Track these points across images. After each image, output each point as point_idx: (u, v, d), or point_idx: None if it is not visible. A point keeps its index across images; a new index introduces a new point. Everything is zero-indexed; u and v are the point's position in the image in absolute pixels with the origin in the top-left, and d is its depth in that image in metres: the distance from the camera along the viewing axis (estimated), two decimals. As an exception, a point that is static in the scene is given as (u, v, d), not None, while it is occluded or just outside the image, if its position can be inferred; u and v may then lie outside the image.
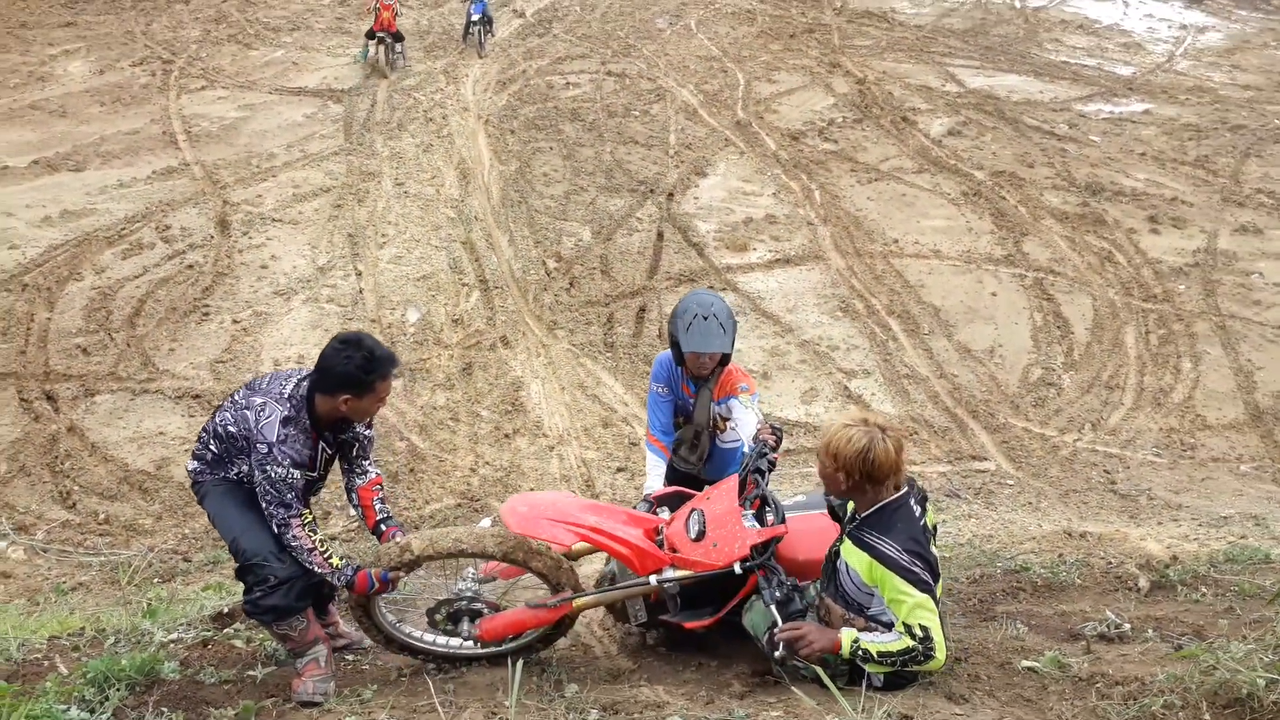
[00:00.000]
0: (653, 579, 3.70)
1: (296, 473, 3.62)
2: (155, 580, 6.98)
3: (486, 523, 4.53)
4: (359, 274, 10.48)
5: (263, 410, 3.65)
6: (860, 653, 3.32)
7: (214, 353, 9.30)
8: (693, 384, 4.77)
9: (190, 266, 10.34)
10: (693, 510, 3.85)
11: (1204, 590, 4.76)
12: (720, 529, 3.65)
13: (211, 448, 3.85)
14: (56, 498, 7.78)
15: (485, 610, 3.84)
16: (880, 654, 3.31)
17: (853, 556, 3.45)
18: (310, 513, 3.75)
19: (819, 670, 3.27)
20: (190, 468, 3.93)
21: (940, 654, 3.29)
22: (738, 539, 3.58)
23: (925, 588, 3.32)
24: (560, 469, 8.14)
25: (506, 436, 8.58)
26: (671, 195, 11.93)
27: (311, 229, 11.16)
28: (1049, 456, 8.57)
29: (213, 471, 3.86)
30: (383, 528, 3.96)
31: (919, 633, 3.29)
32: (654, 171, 12.42)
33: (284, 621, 3.73)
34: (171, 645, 4.44)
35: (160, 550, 7.34)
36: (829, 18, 18.33)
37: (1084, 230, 11.39)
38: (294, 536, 3.63)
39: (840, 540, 3.58)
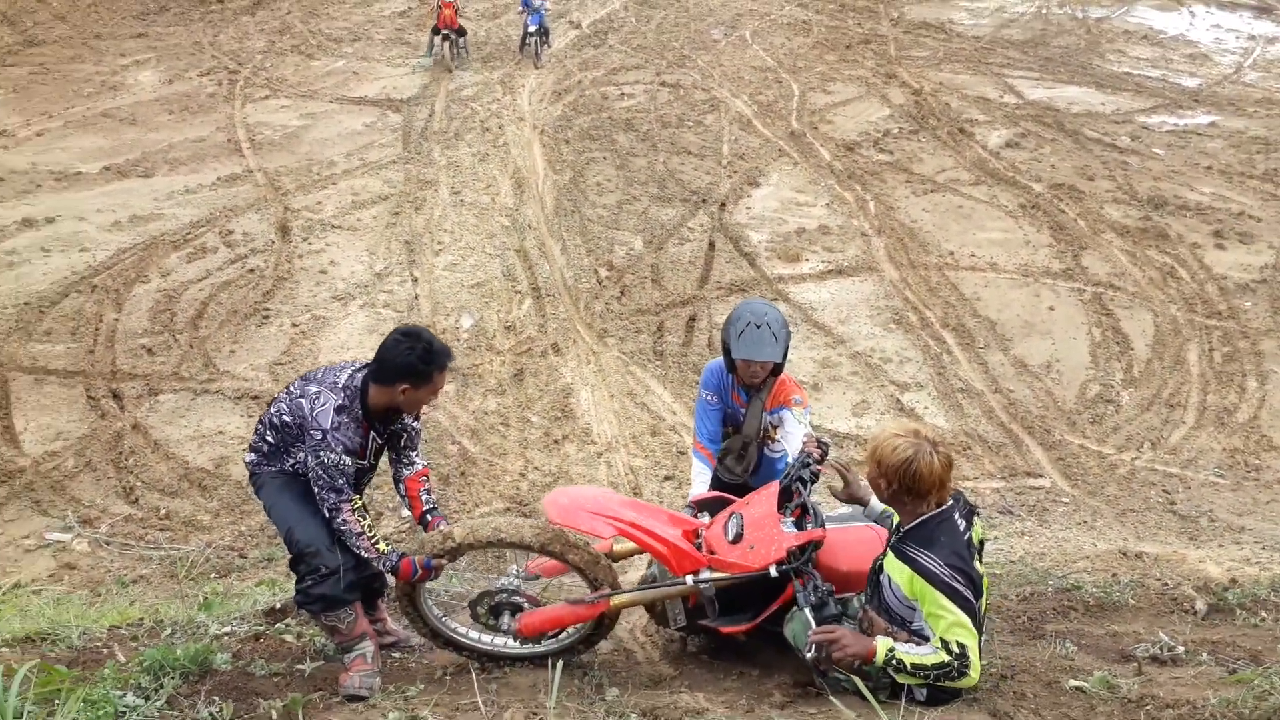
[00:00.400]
0: (689, 579, 3.71)
1: (348, 459, 3.73)
2: (211, 575, 7.15)
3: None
4: (415, 280, 10.64)
5: (318, 398, 3.76)
6: (894, 662, 3.30)
7: (273, 355, 9.50)
8: (744, 393, 4.75)
9: (252, 271, 10.59)
10: (732, 514, 3.86)
11: (1263, 615, 4.63)
12: (758, 532, 3.67)
13: (268, 439, 3.96)
14: (120, 493, 8.00)
15: (525, 605, 3.89)
16: (914, 666, 3.28)
17: (895, 569, 3.42)
18: (360, 499, 3.85)
19: (859, 682, 3.25)
20: (248, 459, 4.06)
21: (974, 673, 3.26)
22: (775, 542, 3.59)
23: (965, 605, 3.29)
24: (608, 476, 8.18)
25: (556, 442, 8.64)
26: (724, 205, 11.94)
27: (369, 236, 11.37)
28: (1106, 475, 8.40)
29: (269, 463, 3.98)
30: (428, 518, 4.06)
31: (955, 649, 3.25)
32: (707, 181, 12.44)
33: (332, 612, 3.83)
34: (225, 638, 4.55)
35: (217, 546, 7.51)
36: (885, 28, 18.22)
37: (1146, 245, 11.16)
38: (343, 520, 3.74)
39: (884, 553, 3.55)
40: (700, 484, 4.66)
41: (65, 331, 9.55)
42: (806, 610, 3.45)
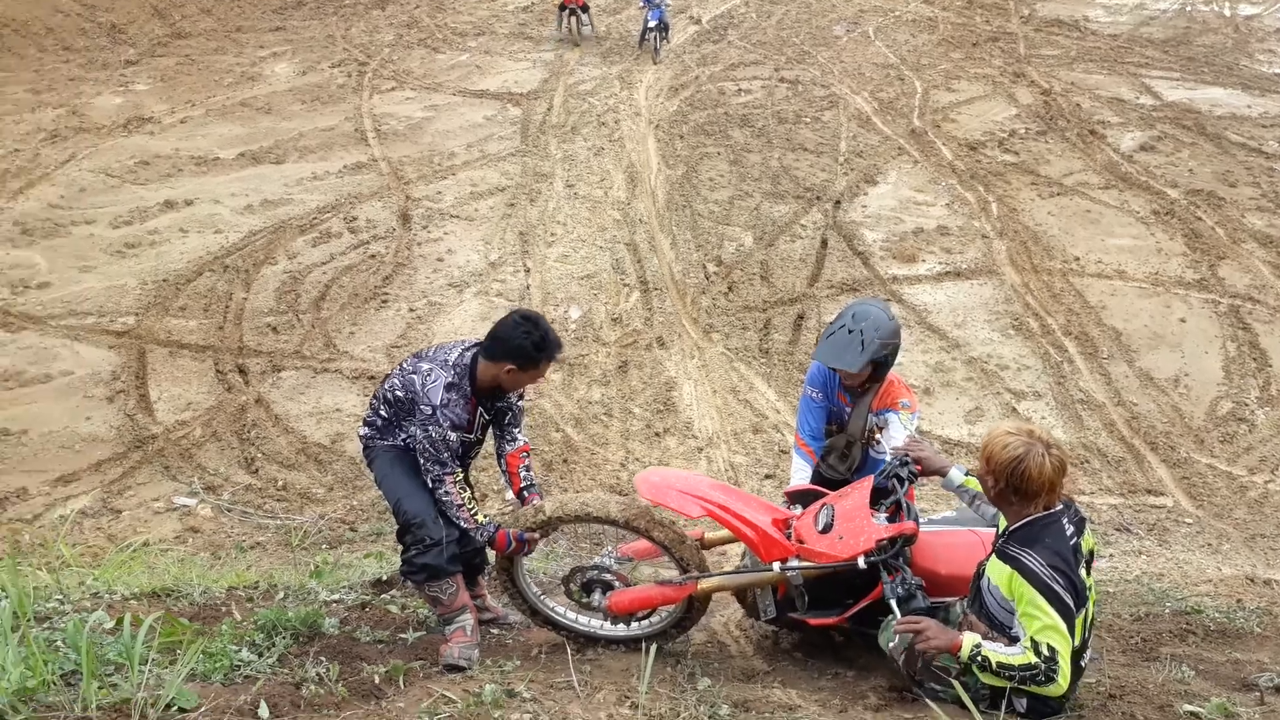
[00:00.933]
0: (776, 566, 3.69)
1: (454, 435, 3.87)
2: (323, 546, 7.43)
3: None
4: (527, 270, 10.82)
5: (429, 376, 3.90)
6: (980, 659, 3.22)
7: (390, 338, 9.81)
8: (849, 392, 4.68)
9: (373, 256, 10.95)
10: (824, 505, 3.83)
11: (1405, 651, 4.32)
12: (848, 523, 3.64)
13: (381, 413, 4.12)
14: (242, 463, 8.39)
15: (615, 583, 3.95)
16: (1000, 665, 3.19)
17: (995, 571, 3.32)
18: (462, 473, 4.00)
19: (959, 688, 3.16)
20: (362, 433, 4.22)
21: (1063, 681, 3.16)
22: (864, 533, 3.55)
23: (1061, 608, 3.17)
24: (708, 471, 8.16)
25: (657, 435, 8.67)
26: (839, 203, 11.77)
27: (486, 226, 11.61)
28: (1235, 496, 7.96)
29: (382, 437, 4.13)
30: (525, 494, 4.18)
31: (1045, 651, 3.15)
32: (822, 178, 12.27)
33: (435, 583, 3.98)
34: (333, 604, 4.73)
35: (329, 519, 7.80)
36: (1015, 26, 17.63)
37: (1291, 256, 10.52)
38: (446, 491, 3.90)
39: (988, 557, 3.45)
40: (800, 479, 4.61)
41: (198, 308, 10.06)
42: (892, 601, 3.39)
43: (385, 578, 5.60)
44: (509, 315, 3.96)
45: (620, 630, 4.09)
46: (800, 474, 4.63)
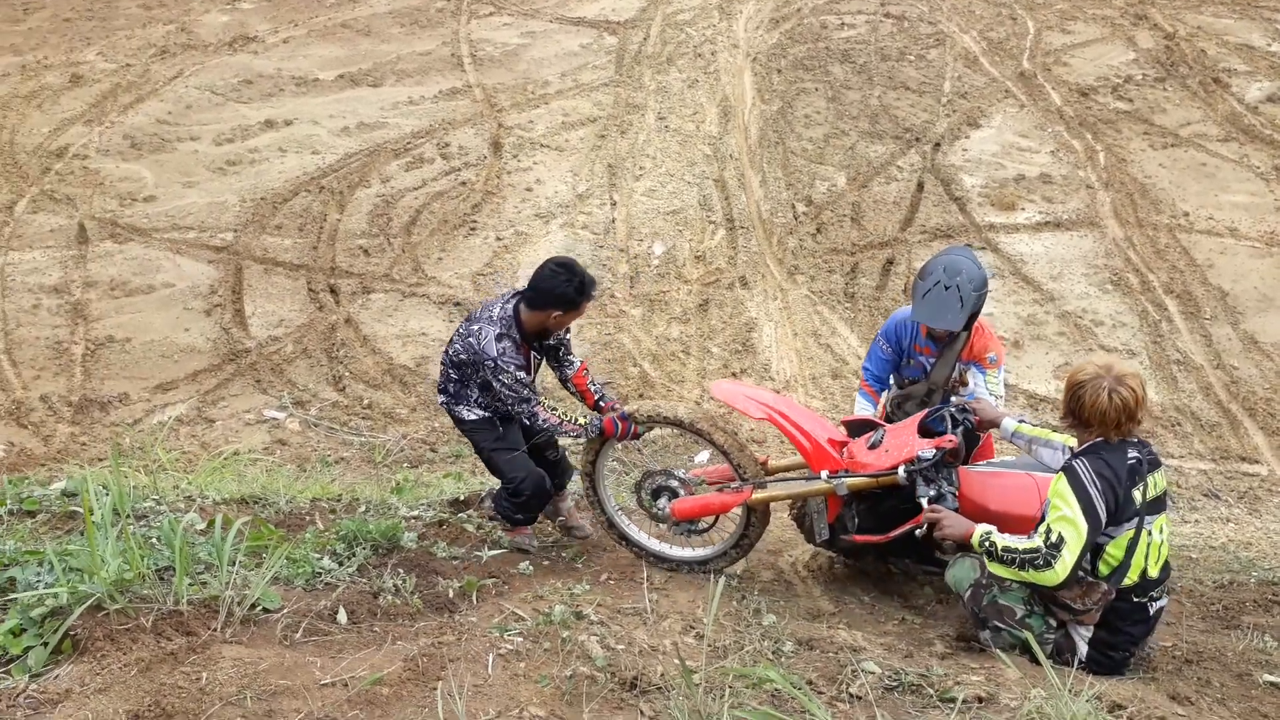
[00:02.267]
0: (824, 475, 3.92)
1: (522, 374, 4.28)
2: (404, 464, 7.66)
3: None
4: (614, 204, 10.79)
5: (480, 334, 4.29)
6: (988, 544, 3.46)
7: (476, 265, 9.93)
8: (934, 343, 4.60)
9: (463, 183, 11.04)
10: (877, 429, 4.09)
11: None
12: (894, 440, 3.89)
13: (452, 376, 4.56)
14: (329, 380, 8.65)
15: (681, 491, 4.26)
16: (1005, 549, 3.41)
17: (1052, 486, 3.43)
18: (542, 398, 4.39)
19: (1031, 640, 3.17)
20: (440, 400, 4.73)
21: (1060, 570, 3.29)
22: (906, 446, 3.80)
23: (1088, 509, 3.27)
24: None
25: (734, 375, 8.64)
26: (938, 145, 11.39)
27: (575, 157, 11.58)
28: (1338, 469, 7.62)
29: (459, 401, 4.61)
30: (601, 404, 4.60)
31: (1052, 538, 3.31)
32: (922, 120, 11.88)
33: (521, 526, 4.69)
34: (412, 520, 4.88)
35: (411, 439, 8.02)
36: (1141, -36, 16.63)
37: None
38: (544, 420, 4.30)
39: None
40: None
41: (294, 227, 10.31)
42: (923, 501, 3.66)
43: (463, 498, 5.75)
44: (545, 264, 4.35)
45: (685, 553, 4.31)
46: (862, 414, 4.61)
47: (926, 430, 3.92)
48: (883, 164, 11.17)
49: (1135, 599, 3.44)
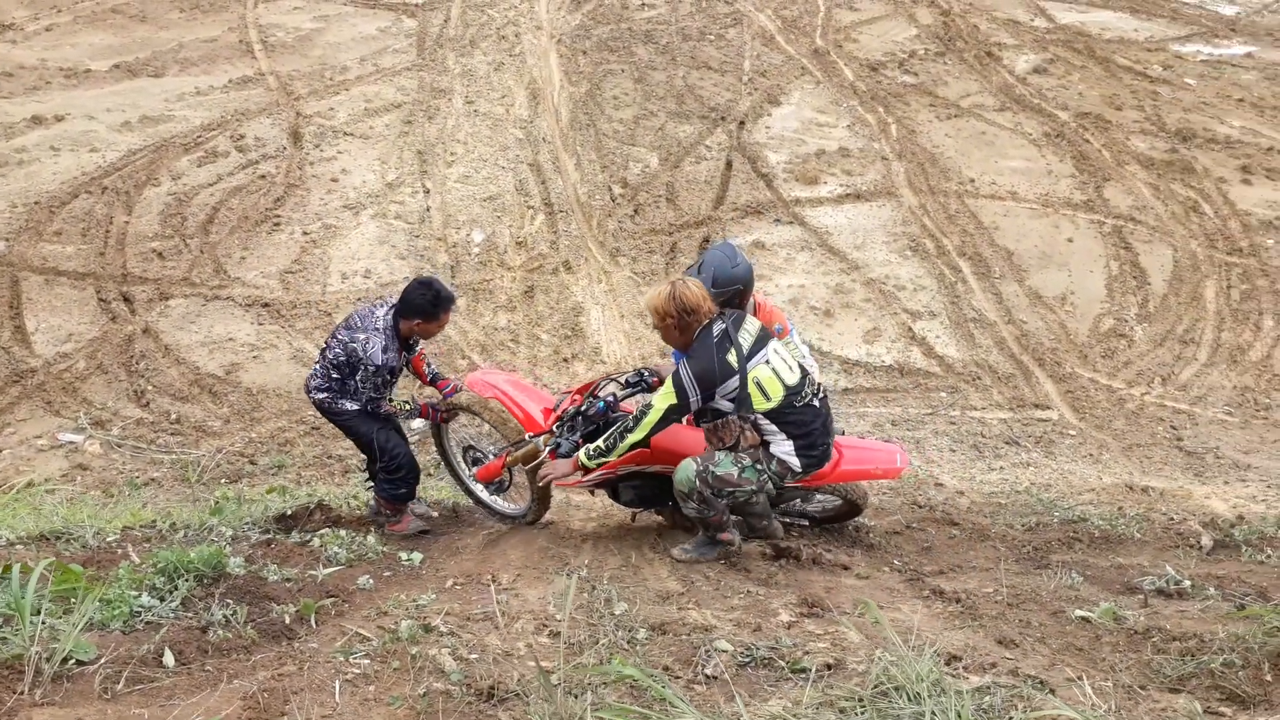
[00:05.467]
0: (527, 435, 4.99)
1: (388, 375, 5.28)
2: (222, 480, 7.22)
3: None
4: (427, 191, 10.51)
5: (368, 344, 5.13)
6: (589, 453, 4.45)
7: (284, 263, 9.45)
8: None
9: (263, 177, 10.46)
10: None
11: (1269, 552, 4.66)
12: (567, 403, 4.94)
13: (333, 376, 5.28)
14: (131, 396, 8.04)
15: (482, 458, 5.53)
16: (598, 446, 4.43)
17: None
18: (389, 393, 5.45)
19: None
20: (319, 397, 5.35)
21: (640, 431, 4.34)
22: (562, 407, 4.94)
23: (680, 393, 4.27)
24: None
25: (565, 360, 8.63)
26: (743, 123, 11.70)
27: (382, 144, 11.19)
28: (1114, 409, 8.38)
29: (342, 396, 5.31)
30: (437, 381, 5.58)
31: (640, 412, 4.35)
32: (726, 98, 12.17)
33: (401, 504, 5.50)
34: (238, 543, 4.60)
35: (227, 452, 7.58)
36: (916, -56, 17.57)
37: (1170, 178, 10.94)
38: (384, 409, 5.33)
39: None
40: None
41: (76, 233, 9.49)
42: (545, 450, 4.73)
43: (290, 512, 5.48)
44: (411, 283, 5.19)
45: (512, 509, 5.50)
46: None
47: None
48: (692, 144, 11.37)
49: (795, 406, 4.38)
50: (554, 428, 4.82)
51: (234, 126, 11.19)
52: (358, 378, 5.20)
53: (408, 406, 5.38)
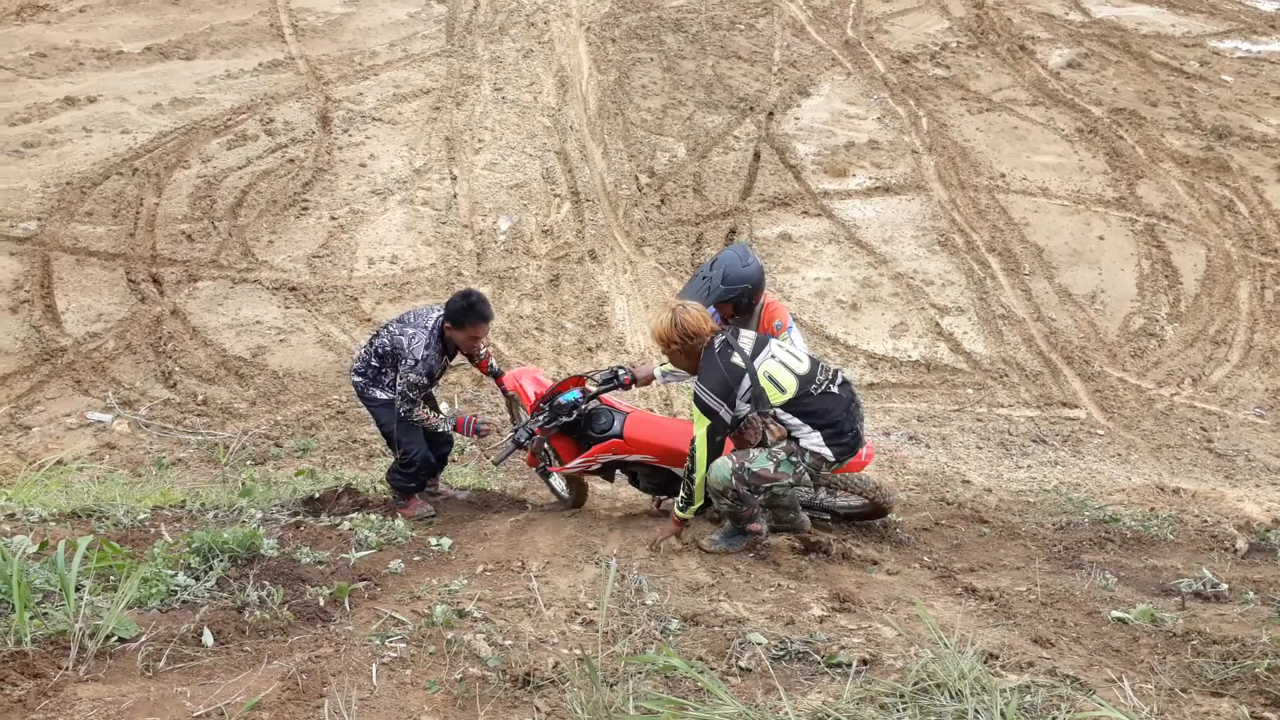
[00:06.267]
0: (525, 415, 5.50)
1: (425, 380, 5.42)
2: (248, 462, 7.27)
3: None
4: (454, 178, 10.51)
5: (414, 338, 5.38)
6: (682, 505, 4.49)
7: (311, 247, 9.48)
8: (730, 321, 5.21)
9: (291, 161, 10.49)
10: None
11: (1306, 557, 4.59)
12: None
13: (373, 363, 5.53)
14: (159, 377, 8.10)
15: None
16: (683, 498, 4.46)
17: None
18: (424, 403, 5.66)
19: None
20: (355, 381, 5.62)
21: (699, 467, 4.38)
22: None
23: (711, 414, 4.32)
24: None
25: (589, 350, 8.62)
26: (772, 114, 11.64)
27: (410, 130, 11.20)
28: (1143, 409, 8.30)
29: (375, 385, 5.55)
30: (495, 376, 5.97)
31: (691, 451, 4.40)
32: (755, 89, 12.10)
33: (412, 494, 5.70)
34: (269, 524, 4.63)
35: (253, 434, 7.62)
36: (949, -64, 17.40)
37: (1205, 176, 10.80)
38: (416, 416, 5.46)
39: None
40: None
41: (106, 214, 9.56)
42: (508, 435, 5.26)
43: (318, 495, 5.51)
44: (455, 296, 5.43)
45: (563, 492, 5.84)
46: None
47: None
48: (720, 134, 11.32)
49: (813, 394, 4.42)
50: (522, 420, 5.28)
51: (263, 110, 11.22)
52: (398, 372, 5.40)
53: (441, 420, 5.57)
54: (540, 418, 5.13)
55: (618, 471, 5.35)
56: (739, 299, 5.00)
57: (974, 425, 8.02)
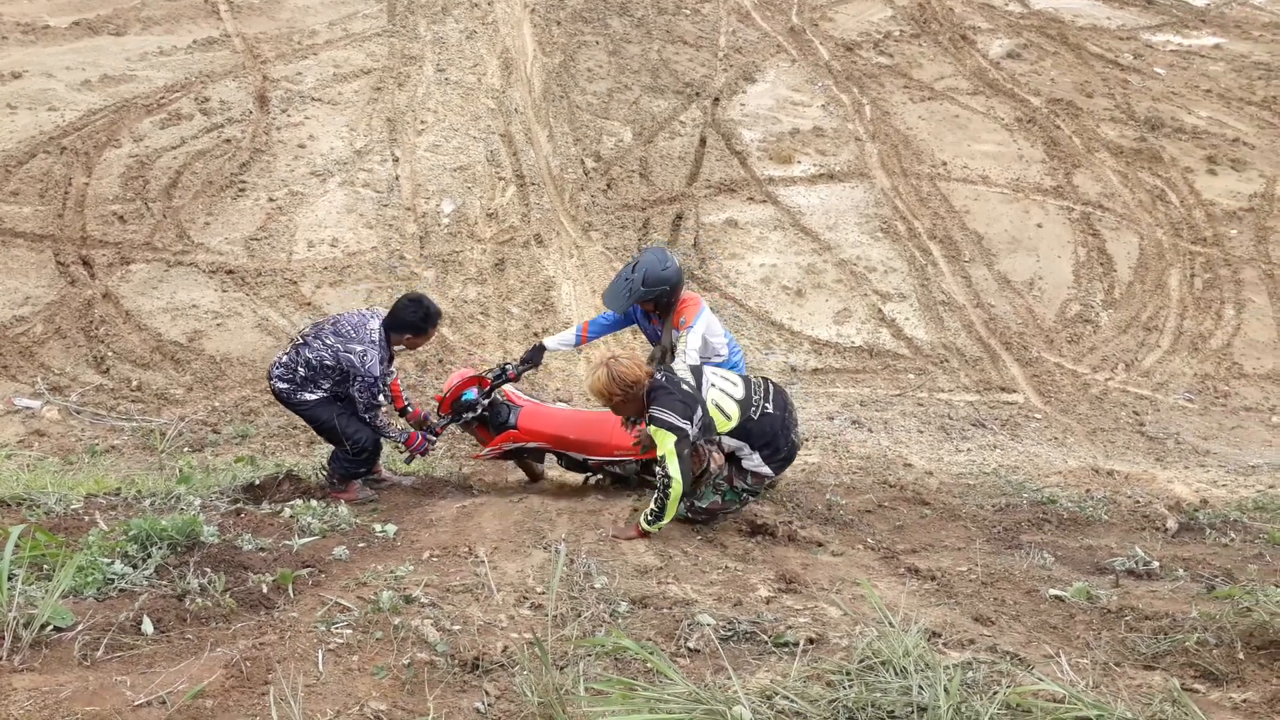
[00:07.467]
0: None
1: (383, 385, 5.56)
2: (185, 449, 7.10)
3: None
4: (396, 160, 10.36)
5: (365, 355, 5.38)
6: (649, 517, 4.43)
7: (248, 229, 9.28)
8: (659, 316, 5.62)
9: (228, 141, 10.24)
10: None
11: (1232, 535, 4.76)
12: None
13: (300, 372, 5.48)
14: (90, 362, 7.87)
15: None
16: (652, 510, 4.42)
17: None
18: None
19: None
20: (279, 387, 5.54)
21: (675, 483, 4.35)
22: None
23: (676, 429, 4.42)
24: (586, 371, 8.15)
25: (535, 335, 8.57)
26: (718, 100, 11.66)
27: (350, 111, 11.00)
28: (1079, 393, 8.51)
29: (303, 389, 5.51)
30: (409, 409, 6.00)
31: (663, 468, 4.39)
32: (701, 74, 12.10)
33: (354, 481, 5.77)
34: (206, 511, 4.53)
35: (190, 420, 7.45)
36: (892, -75, 17.55)
37: (1138, 166, 11.08)
38: (381, 421, 5.61)
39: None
40: (555, 342, 5.99)
41: (33, 193, 9.24)
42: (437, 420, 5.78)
43: (259, 482, 5.41)
44: (401, 299, 5.52)
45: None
46: (561, 339, 6.01)
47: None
48: (666, 119, 11.31)
49: (754, 418, 4.63)
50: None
51: (198, 89, 10.93)
52: (354, 388, 5.43)
53: (396, 433, 5.70)
54: (445, 418, 5.70)
55: (547, 455, 5.90)
56: (659, 299, 5.42)
57: (915, 410, 8.15)
